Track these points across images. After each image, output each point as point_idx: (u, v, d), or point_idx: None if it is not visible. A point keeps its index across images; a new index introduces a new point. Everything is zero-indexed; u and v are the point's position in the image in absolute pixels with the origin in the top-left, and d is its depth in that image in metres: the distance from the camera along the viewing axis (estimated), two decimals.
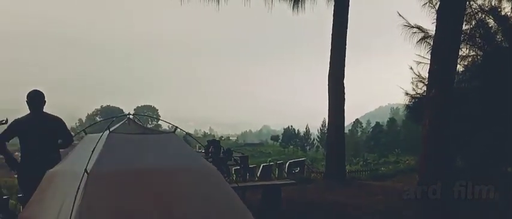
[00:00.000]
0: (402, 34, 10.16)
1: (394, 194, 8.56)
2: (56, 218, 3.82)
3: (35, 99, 5.24)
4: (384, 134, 69.72)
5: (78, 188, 3.68)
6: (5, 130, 5.20)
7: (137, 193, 3.98)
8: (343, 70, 10.68)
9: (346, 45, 10.74)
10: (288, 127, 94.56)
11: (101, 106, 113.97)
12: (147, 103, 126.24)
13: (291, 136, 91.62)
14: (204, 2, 10.08)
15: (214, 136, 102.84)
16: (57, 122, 5.34)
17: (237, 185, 5.92)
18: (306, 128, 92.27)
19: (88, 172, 3.79)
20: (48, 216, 4.01)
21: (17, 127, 5.17)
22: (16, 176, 5.52)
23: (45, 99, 5.31)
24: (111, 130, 4.42)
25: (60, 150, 5.47)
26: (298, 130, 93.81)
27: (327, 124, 12.07)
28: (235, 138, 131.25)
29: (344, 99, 10.71)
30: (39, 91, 5.31)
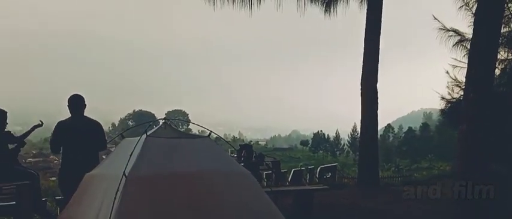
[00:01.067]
0: (437, 37, 9.95)
1: (430, 201, 8.35)
2: None
3: (76, 103, 5.41)
4: (416, 140, 68.18)
5: (117, 191, 3.76)
6: (53, 133, 5.39)
7: (173, 197, 4.04)
8: (377, 74, 10.52)
9: (379, 49, 10.59)
10: (318, 131, 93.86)
11: (134, 111, 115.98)
12: (178, 108, 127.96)
13: (320, 141, 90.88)
14: (237, 7, 10.17)
15: (243, 140, 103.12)
16: (95, 126, 5.48)
17: (270, 190, 5.91)
18: (336, 133, 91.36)
19: (126, 175, 3.87)
20: (86, 218, 4.12)
21: (60, 129, 5.33)
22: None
23: (86, 103, 5.47)
24: (148, 134, 4.50)
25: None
26: (328, 134, 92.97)
27: (358, 129, 11.93)
28: (264, 143, 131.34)
29: (377, 103, 10.55)
30: (79, 95, 5.47)
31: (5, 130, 5.63)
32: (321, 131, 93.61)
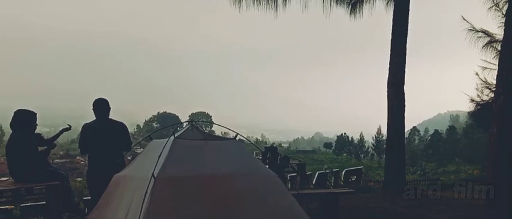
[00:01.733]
0: (466, 38, 9.75)
1: (458, 205, 8.17)
2: None
3: (101, 106, 5.55)
4: (442, 143, 66.97)
5: (146, 192, 3.80)
6: (80, 135, 5.53)
7: (201, 198, 4.05)
8: (403, 76, 10.35)
9: (406, 50, 10.42)
10: (342, 134, 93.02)
11: (158, 113, 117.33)
12: (201, 110, 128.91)
13: (344, 144, 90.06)
14: (262, 9, 10.16)
15: (265, 142, 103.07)
16: (121, 128, 5.60)
17: (297, 193, 5.88)
18: (360, 136, 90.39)
19: (155, 176, 3.90)
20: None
21: (87, 131, 5.46)
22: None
23: (110, 106, 5.59)
24: (176, 136, 4.53)
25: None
26: (352, 137, 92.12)
27: (383, 132, 11.76)
28: (287, 145, 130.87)
29: (404, 106, 10.38)
30: (104, 99, 5.62)
31: (35, 131, 5.75)
32: (345, 133, 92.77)
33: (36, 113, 5.62)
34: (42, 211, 6.16)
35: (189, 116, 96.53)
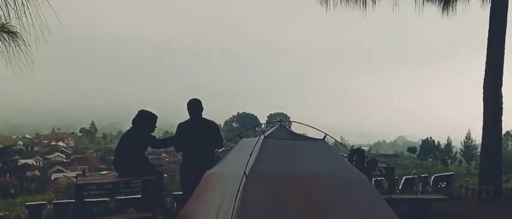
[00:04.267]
0: None
1: None
2: (215, 217, 4.09)
3: (194, 106, 5.82)
4: None
5: (238, 190, 3.89)
6: (176, 133, 5.86)
7: (290, 198, 4.07)
8: (501, 77, 9.66)
9: (504, 50, 9.72)
10: (427, 138, 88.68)
11: (238, 113, 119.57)
12: (279, 111, 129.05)
13: (429, 148, 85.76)
14: (350, 8, 9.95)
15: (345, 145, 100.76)
16: (212, 126, 5.83)
17: (389, 197, 5.70)
18: (448, 140, 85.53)
19: (247, 174, 3.98)
20: (207, 215, 4.32)
21: (181, 129, 5.75)
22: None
23: (203, 106, 5.82)
24: (265, 135, 4.59)
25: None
26: (438, 141, 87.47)
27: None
28: (368, 148, 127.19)
29: (502, 109, 9.69)
30: (197, 99, 5.88)
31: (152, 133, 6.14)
32: (431, 138, 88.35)
33: (157, 116, 6.00)
34: (135, 204, 6.51)
35: (268, 117, 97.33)
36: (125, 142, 5.83)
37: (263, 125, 5.38)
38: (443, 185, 12.38)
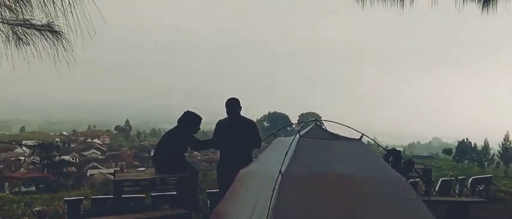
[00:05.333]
0: None
1: None
2: (250, 215, 4.10)
3: (232, 105, 5.87)
4: None
5: (274, 189, 3.88)
6: (214, 131, 5.95)
7: (325, 198, 4.02)
8: None
9: None
10: (463, 140, 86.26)
11: (269, 112, 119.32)
12: (311, 111, 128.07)
13: (466, 150, 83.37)
14: (387, 6, 9.78)
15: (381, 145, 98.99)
16: (250, 125, 5.86)
17: (427, 199, 5.58)
18: (485, 142, 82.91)
19: (282, 173, 3.97)
20: (241, 213, 4.33)
21: (220, 127, 5.82)
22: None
23: (241, 105, 5.86)
24: (301, 134, 4.57)
25: None
26: (474, 143, 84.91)
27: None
28: (402, 149, 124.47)
29: None
30: (235, 98, 5.93)
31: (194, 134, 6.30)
32: (467, 139, 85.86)
33: (201, 118, 6.23)
34: (170, 201, 6.60)
35: (299, 117, 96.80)
36: (169, 139, 6.04)
37: (294, 125, 5.34)
38: (481, 188, 12.01)
